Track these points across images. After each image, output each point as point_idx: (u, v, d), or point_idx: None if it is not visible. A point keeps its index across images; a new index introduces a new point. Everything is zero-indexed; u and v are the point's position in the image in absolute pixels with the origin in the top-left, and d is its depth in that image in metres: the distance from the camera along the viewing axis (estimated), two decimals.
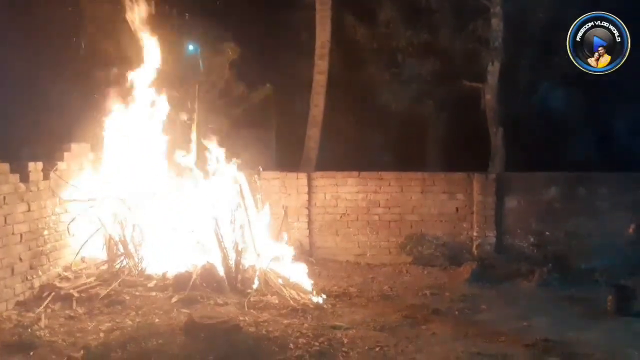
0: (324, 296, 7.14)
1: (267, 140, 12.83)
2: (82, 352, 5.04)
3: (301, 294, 7.03)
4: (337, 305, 6.95)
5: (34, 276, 6.48)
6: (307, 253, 9.07)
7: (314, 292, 7.18)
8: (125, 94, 8.23)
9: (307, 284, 7.39)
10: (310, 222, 9.35)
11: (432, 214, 9.37)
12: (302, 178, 9.43)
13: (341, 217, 9.41)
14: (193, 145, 8.74)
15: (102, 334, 5.51)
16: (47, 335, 5.45)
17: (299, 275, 7.54)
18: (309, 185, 9.39)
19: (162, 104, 8.41)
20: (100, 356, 4.96)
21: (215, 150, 8.28)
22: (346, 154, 12.53)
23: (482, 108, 11.73)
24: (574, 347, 5.67)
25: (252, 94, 11.59)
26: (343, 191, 9.42)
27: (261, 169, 9.20)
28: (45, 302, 6.18)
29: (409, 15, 11.93)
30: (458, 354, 5.44)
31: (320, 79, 11.27)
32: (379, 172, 9.54)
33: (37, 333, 5.42)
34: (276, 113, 13.22)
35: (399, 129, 12.87)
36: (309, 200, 9.36)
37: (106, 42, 9.45)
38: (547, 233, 9.23)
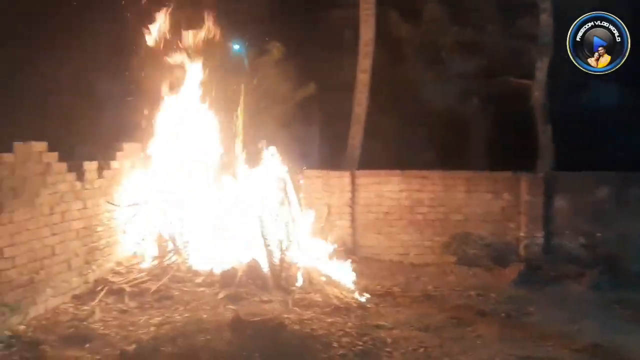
0: (368, 295, 7.16)
1: (310, 138, 12.90)
2: (134, 345, 5.23)
3: (344, 293, 7.08)
4: (380, 304, 6.96)
5: (89, 271, 6.77)
6: (350, 252, 9.08)
7: (357, 291, 7.22)
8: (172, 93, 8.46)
9: (350, 282, 7.44)
10: (353, 221, 9.37)
11: (477, 213, 9.24)
12: (345, 177, 9.44)
13: (384, 215, 9.38)
14: (238, 144, 8.87)
15: (152, 328, 5.71)
16: (101, 328, 5.68)
17: (342, 273, 7.60)
18: (352, 184, 9.40)
19: (209, 103, 8.60)
20: (151, 350, 5.13)
21: (260, 149, 8.42)
22: (389, 152, 12.47)
23: (530, 105, 11.47)
24: (624, 352, 5.54)
25: (296, 92, 11.67)
26: (386, 190, 9.39)
27: (304, 168, 9.28)
28: (100, 296, 6.44)
29: (455, 12, 11.77)
30: (504, 356, 5.38)
31: (363, 78, 11.25)
32: (423, 171, 9.47)
33: (92, 326, 5.66)
34: (320, 111, 13.27)
35: (444, 127, 12.69)
36: (352, 199, 9.37)
37: (157, 42, 9.66)
38: (597, 234, 8.97)
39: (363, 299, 6.98)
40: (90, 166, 6.85)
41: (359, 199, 9.40)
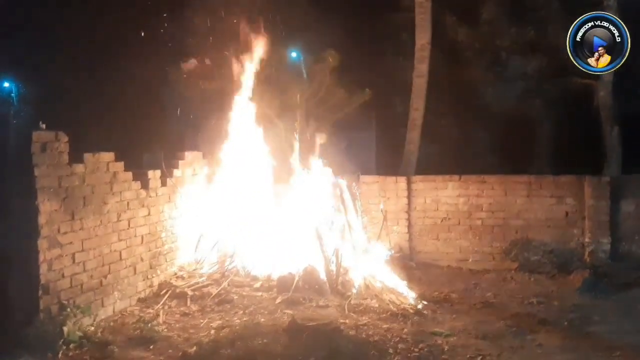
0: (424, 301, 7.10)
1: (368, 144, 12.94)
2: (195, 347, 5.43)
3: (401, 299, 7.05)
4: (437, 311, 6.89)
5: (154, 275, 7.07)
6: (407, 257, 9.03)
7: (414, 297, 7.17)
8: (232, 102, 8.71)
9: (407, 288, 7.40)
10: (410, 227, 9.30)
11: (539, 218, 8.96)
12: (402, 182, 9.39)
13: (442, 221, 9.26)
14: (296, 152, 9.02)
15: (212, 331, 5.90)
16: (165, 330, 5.93)
17: (399, 279, 7.57)
18: (409, 189, 9.33)
19: (267, 112, 8.80)
20: (210, 352, 5.30)
21: (317, 156, 8.52)
22: (449, 156, 12.33)
23: (595, 106, 11.07)
24: None
25: (352, 98, 11.73)
26: (444, 195, 9.27)
27: (360, 174, 9.31)
28: (163, 300, 6.72)
29: (514, 12, 11.53)
30: None
31: (419, 82, 11.17)
32: (482, 176, 9.28)
33: (156, 328, 5.90)
34: (376, 117, 13.29)
35: (504, 129, 12.45)
36: (409, 204, 9.31)
37: (216, 56, 9.98)
38: None
39: (420, 306, 6.92)
40: (154, 174, 7.16)
41: (415, 205, 9.33)
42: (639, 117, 11.02)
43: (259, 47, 8.85)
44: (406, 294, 7.22)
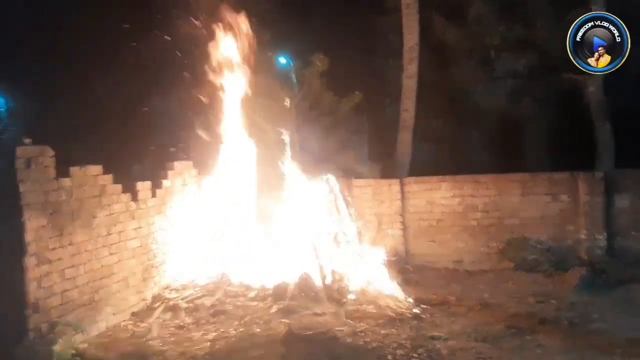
0: (422, 305, 7.03)
1: (360, 147, 12.87)
2: None
3: (398, 303, 6.97)
4: (435, 314, 6.81)
5: (146, 288, 6.96)
6: (403, 261, 8.96)
7: (412, 301, 7.09)
8: (221, 109, 8.63)
9: (404, 292, 7.32)
10: (404, 229, 9.23)
11: (535, 217, 8.92)
12: (395, 184, 9.33)
13: (437, 222, 9.20)
14: (287, 158, 8.94)
15: (207, 344, 5.80)
16: (159, 345, 5.82)
17: (396, 283, 7.49)
18: (402, 192, 9.27)
19: (257, 119, 8.72)
20: None
21: (309, 162, 8.45)
22: (440, 157, 12.30)
23: (586, 101, 11.04)
24: None
25: (342, 102, 11.67)
26: (437, 196, 9.21)
27: (353, 178, 9.24)
28: (157, 313, 6.61)
29: (501, 9, 11.50)
30: None
31: (409, 83, 11.12)
32: (475, 176, 9.23)
33: (150, 343, 5.81)
34: (367, 119, 13.23)
35: (495, 128, 12.42)
36: (403, 207, 9.24)
37: (205, 62, 9.88)
38: None
39: (417, 309, 6.85)
40: (143, 186, 7.05)
41: (409, 207, 9.26)
42: (630, 112, 10.99)
43: (247, 52, 8.78)
44: (403, 298, 7.14)
